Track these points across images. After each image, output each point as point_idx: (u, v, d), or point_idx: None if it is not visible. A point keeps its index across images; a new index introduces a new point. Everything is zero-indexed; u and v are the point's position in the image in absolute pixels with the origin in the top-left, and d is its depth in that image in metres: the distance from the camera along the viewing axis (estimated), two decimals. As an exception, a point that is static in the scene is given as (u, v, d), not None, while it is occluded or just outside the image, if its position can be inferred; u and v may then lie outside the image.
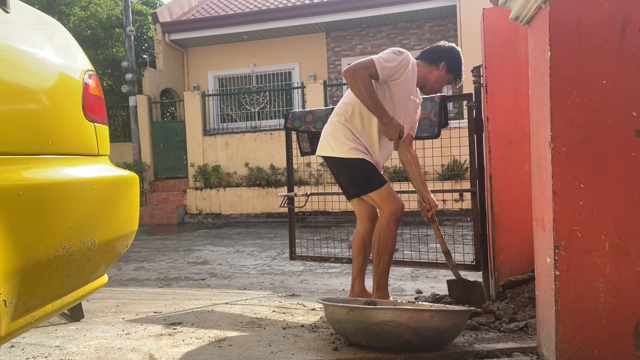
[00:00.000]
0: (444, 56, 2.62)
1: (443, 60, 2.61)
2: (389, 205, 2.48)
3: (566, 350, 1.62)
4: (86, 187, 1.60)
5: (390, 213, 2.47)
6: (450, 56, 2.63)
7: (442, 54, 2.63)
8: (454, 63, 2.63)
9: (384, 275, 2.55)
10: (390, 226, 2.48)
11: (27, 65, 1.49)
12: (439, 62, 2.60)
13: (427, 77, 2.63)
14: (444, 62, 2.61)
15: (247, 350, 2.09)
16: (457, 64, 2.64)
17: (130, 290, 3.87)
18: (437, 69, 2.61)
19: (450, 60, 2.62)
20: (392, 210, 2.47)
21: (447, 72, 2.62)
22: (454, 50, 2.66)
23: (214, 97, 11.54)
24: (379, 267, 2.53)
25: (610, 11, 1.57)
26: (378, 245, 2.51)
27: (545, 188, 1.70)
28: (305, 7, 11.14)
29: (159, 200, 10.56)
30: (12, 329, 1.30)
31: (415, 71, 2.58)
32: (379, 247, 2.51)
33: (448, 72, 2.62)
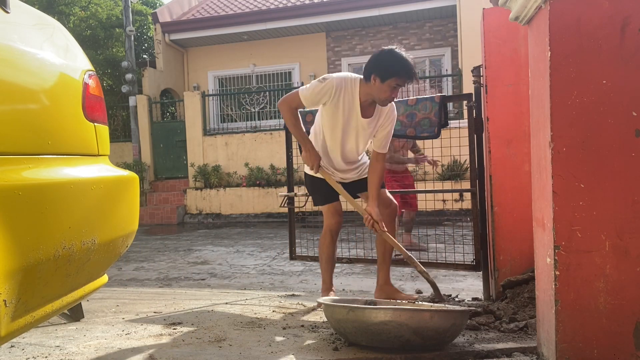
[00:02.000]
0: (370, 69, 2.50)
1: (371, 74, 2.49)
2: (325, 221, 2.94)
3: (566, 350, 1.62)
4: (86, 187, 1.60)
5: (325, 227, 2.94)
6: (376, 65, 2.48)
7: (369, 68, 2.51)
8: (383, 69, 2.46)
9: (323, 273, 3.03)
10: (325, 237, 2.94)
11: (27, 65, 1.49)
12: (370, 77, 2.50)
13: (369, 92, 2.55)
14: (372, 74, 2.48)
15: (247, 350, 2.09)
16: (388, 68, 2.45)
17: (130, 290, 3.87)
18: (372, 84, 2.51)
19: (377, 70, 2.47)
20: (326, 225, 2.94)
21: (382, 81, 2.46)
22: (380, 57, 2.50)
23: (214, 97, 11.54)
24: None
25: (610, 11, 1.57)
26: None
27: (545, 188, 1.70)
28: (305, 7, 11.14)
29: (159, 200, 10.56)
30: (12, 329, 1.30)
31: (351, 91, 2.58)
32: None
33: (384, 81, 2.46)
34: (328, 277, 3.02)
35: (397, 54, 2.47)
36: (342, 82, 2.58)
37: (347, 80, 2.59)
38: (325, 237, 2.95)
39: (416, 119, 3.13)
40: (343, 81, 2.58)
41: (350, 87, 2.58)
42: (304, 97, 2.61)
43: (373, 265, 4.33)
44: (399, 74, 2.46)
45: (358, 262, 3.80)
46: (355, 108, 2.61)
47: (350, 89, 2.58)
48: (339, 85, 2.57)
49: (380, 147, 2.75)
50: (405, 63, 2.46)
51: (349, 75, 2.62)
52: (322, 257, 3.00)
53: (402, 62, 2.46)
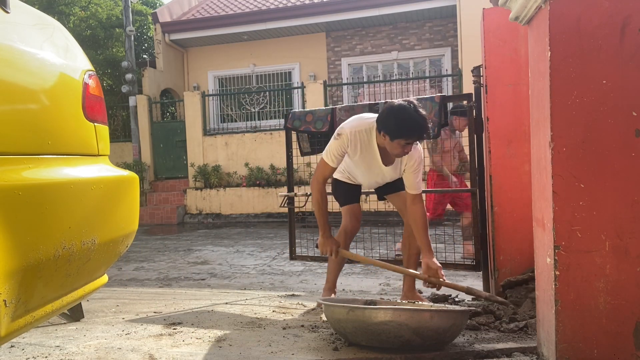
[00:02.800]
0: (381, 125, 2.42)
1: (381, 130, 2.41)
2: (342, 221, 2.92)
3: (566, 350, 1.62)
4: (86, 187, 1.60)
5: (340, 228, 2.92)
6: (385, 124, 2.39)
7: (380, 124, 2.43)
8: (393, 129, 2.35)
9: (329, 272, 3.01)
10: (338, 237, 2.87)
11: (27, 65, 1.49)
12: (380, 132, 2.43)
13: (384, 145, 2.48)
14: (382, 131, 2.41)
15: (247, 350, 2.09)
16: (396, 129, 2.34)
17: (130, 290, 3.87)
18: (383, 139, 2.43)
19: (387, 128, 2.38)
20: (342, 226, 2.91)
21: (391, 140, 2.37)
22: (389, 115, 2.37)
23: (214, 97, 11.53)
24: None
25: (610, 11, 1.57)
26: None
27: (545, 188, 1.70)
28: (305, 7, 11.13)
29: (159, 200, 10.56)
30: (12, 329, 1.30)
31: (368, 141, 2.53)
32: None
33: (393, 140, 2.37)
34: (333, 278, 3.00)
35: (406, 113, 2.32)
36: (357, 133, 2.52)
37: (362, 130, 2.51)
38: (339, 237, 2.88)
39: (416, 119, 3.12)
40: (358, 132, 2.52)
41: (366, 136, 2.52)
42: (330, 161, 2.56)
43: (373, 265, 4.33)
44: (407, 135, 2.35)
45: (358, 262, 3.80)
46: (375, 156, 2.57)
47: (367, 137, 2.53)
48: (353, 137, 2.51)
49: (415, 189, 2.60)
50: (414, 124, 2.32)
51: (363, 123, 2.52)
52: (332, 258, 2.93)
53: (409, 124, 2.32)
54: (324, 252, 2.66)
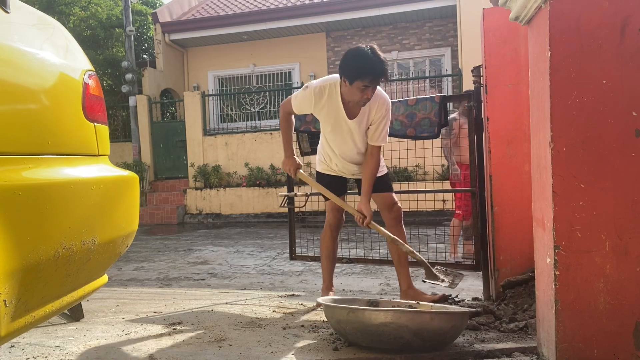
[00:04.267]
0: (340, 71, 2.44)
1: (342, 76, 2.43)
2: (326, 216, 3.00)
3: (566, 350, 1.62)
4: (86, 187, 1.60)
5: (325, 223, 3.00)
6: (343, 68, 2.40)
7: (339, 70, 2.44)
8: (348, 71, 2.36)
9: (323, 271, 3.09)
10: (325, 233, 3.01)
11: (27, 65, 1.49)
12: (341, 79, 2.46)
13: (346, 94, 2.49)
14: (342, 76, 2.42)
15: (247, 350, 2.09)
16: (352, 70, 2.35)
17: (130, 290, 3.87)
18: (344, 85, 2.46)
19: (345, 72, 2.39)
20: (326, 221, 3.00)
21: (350, 83, 2.38)
22: (345, 60, 2.40)
23: (214, 97, 11.54)
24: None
25: (610, 11, 1.57)
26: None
27: (545, 188, 1.70)
28: (305, 7, 11.14)
29: (159, 200, 10.56)
30: (12, 329, 1.30)
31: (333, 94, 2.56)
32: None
33: (352, 83, 2.37)
34: (328, 276, 3.03)
35: (362, 53, 2.34)
36: (322, 88, 2.57)
37: (327, 84, 2.57)
38: (325, 233, 2.99)
39: (416, 119, 3.13)
40: (322, 87, 2.57)
41: (330, 91, 2.57)
42: (293, 104, 2.68)
43: (373, 265, 4.33)
44: (364, 76, 2.34)
45: (358, 262, 3.80)
46: (339, 111, 2.60)
47: (331, 92, 2.57)
48: (318, 92, 2.57)
49: (375, 140, 2.65)
50: (370, 63, 2.32)
51: (329, 79, 2.59)
52: (323, 254, 3.04)
53: (366, 63, 2.33)
54: (285, 170, 2.83)
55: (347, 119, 2.60)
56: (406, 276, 2.84)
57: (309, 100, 2.59)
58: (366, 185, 2.68)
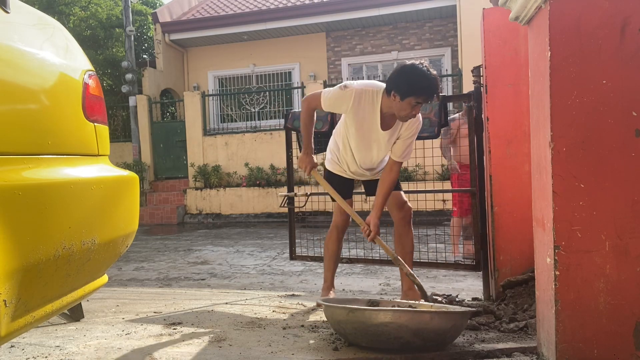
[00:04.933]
0: (391, 85, 2.39)
1: (392, 90, 2.38)
2: (333, 217, 2.99)
3: (566, 350, 1.62)
4: (86, 187, 1.60)
5: (332, 223, 2.99)
6: (396, 82, 2.37)
7: (389, 83, 2.41)
8: (403, 86, 2.34)
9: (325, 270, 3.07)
10: (331, 233, 3.00)
11: (27, 65, 1.49)
12: (390, 93, 2.40)
13: (391, 106, 2.45)
14: (393, 91, 2.38)
15: (247, 350, 2.09)
16: (408, 86, 2.33)
17: (130, 290, 3.87)
18: (393, 100, 2.40)
19: (398, 87, 2.35)
20: (333, 222, 2.99)
21: (402, 99, 2.35)
22: (400, 73, 2.37)
23: (214, 97, 11.54)
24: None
25: (610, 11, 1.57)
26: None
27: (545, 188, 1.70)
28: (305, 7, 11.13)
29: (159, 200, 10.56)
30: (12, 329, 1.30)
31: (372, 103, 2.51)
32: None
33: (403, 99, 2.35)
34: (330, 276, 3.02)
35: (418, 71, 2.33)
36: (364, 93, 2.50)
37: (369, 90, 2.50)
38: (331, 233, 2.97)
39: (416, 119, 3.12)
40: (365, 91, 2.50)
41: (371, 98, 2.50)
42: (324, 100, 2.57)
43: (373, 265, 4.33)
44: (419, 93, 2.33)
45: (358, 262, 3.80)
46: (375, 120, 2.54)
47: (372, 99, 2.51)
48: (359, 95, 2.49)
49: (398, 156, 2.62)
50: (426, 81, 2.32)
51: (372, 85, 2.52)
52: (326, 254, 3.01)
53: (423, 81, 2.32)
54: (301, 166, 2.76)
55: (380, 129, 2.55)
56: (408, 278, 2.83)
57: (347, 101, 2.50)
58: (380, 200, 2.63)
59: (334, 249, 2.99)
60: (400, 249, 2.80)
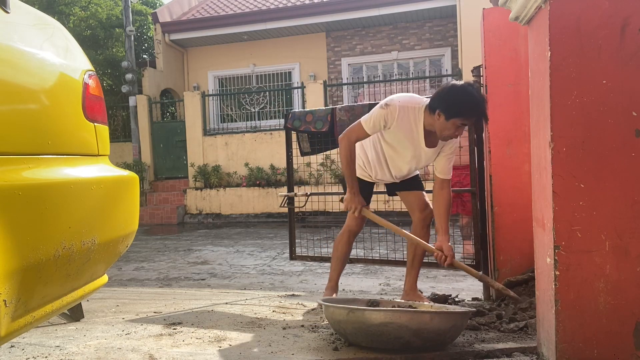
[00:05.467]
0: (437, 104, 2.34)
1: (437, 109, 2.33)
2: (347, 221, 2.91)
3: (566, 350, 1.62)
4: (86, 187, 1.60)
5: (345, 226, 2.92)
6: (443, 102, 2.31)
7: (435, 102, 2.35)
8: (450, 107, 2.28)
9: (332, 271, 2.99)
10: (342, 236, 2.93)
11: (27, 65, 1.49)
12: (434, 111, 2.35)
13: (433, 124, 2.41)
14: (438, 110, 2.32)
15: (247, 350, 2.09)
16: (455, 107, 2.28)
17: (130, 290, 3.87)
18: (437, 119, 2.35)
19: (443, 107, 2.30)
20: (346, 224, 2.91)
21: (447, 119, 2.30)
22: (449, 93, 2.31)
23: (214, 97, 11.54)
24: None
25: (610, 11, 1.57)
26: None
27: (545, 188, 1.70)
28: (305, 7, 11.13)
29: (159, 200, 10.56)
30: (12, 329, 1.30)
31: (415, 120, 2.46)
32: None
33: (448, 119, 2.30)
34: (335, 277, 2.98)
35: (467, 92, 2.28)
36: (406, 110, 2.44)
37: (411, 108, 2.45)
38: (343, 236, 2.92)
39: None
40: (407, 109, 2.44)
41: (414, 115, 2.45)
42: (367, 127, 2.50)
43: (373, 265, 4.33)
44: (466, 115, 2.28)
45: (358, 262, 3.80)
46: (419, 138, 2.49)
47: (414, 117, 2.45)
48: (402, 112, 2.44)
49: (444, 173, 2.58)
50: (474, 103, 2.27)
51: (413, 102, 2.46)
52: (335, 255, 2.98)
53: (471, 102, 2.26)
54: (348, 207, 2.65)
55: (424, 146, 2.50)
56: (414, 278, 2.82)
57: (390, 118, 2.44)
58: (444, 223, 2.55)
59: (344, 251, 2.94)
60: (414, 249, 2.79)
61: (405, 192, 2.81)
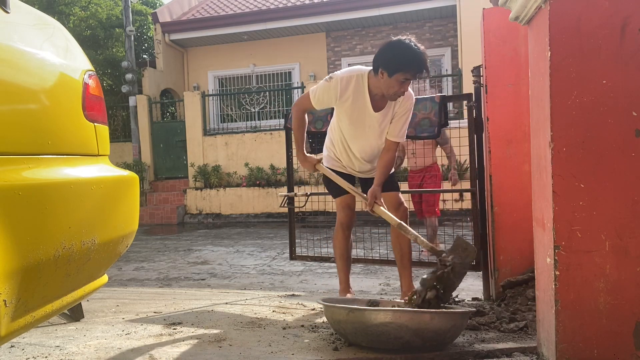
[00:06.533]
0: (378, 62, 2.37)
1: (379, 67, 2.36)
2: (337, 215, 2.86)
3: (566, 350, 1.62)
4: (86, 187, 1.60)
5: (336, 222, 2.87)
6: (383, 58, 2.35)
7: (376, 61, 2.38)
8: (391, 62, 2.31)
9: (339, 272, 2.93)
10: (337, 233, 2.86)
11: (27, 65, 1.49)
12: (377, 71, 2.38)
13: (379, 86, 2.44)
14: (380, 68, 2.35)
15: (247, 350, 2.09)
16: (395, 62, 2.30)
17: (130, 290, 3.87)
18: (380, 77, 2.38)
19: (384, 63, 2.33)
20: (337, 220, 2.86)
21: (390, 75, 2.33)
22: (387, 50, 2.35)
23: (214, 97, 11.54)
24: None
25: (610, 11, 1.57)
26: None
27: (545, 188, 1.70)
28: (305, 7, 11.14)
29: (159, 200, 10.56)
30: (12, 329, 1.30)
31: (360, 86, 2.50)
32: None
33: (391, 75, 2.33)
34: (344, 276, 2.90)
35: (405, 45, 2.31)
36: (349, 78, 2.50)
37: (354, 75, 2.50)
38: (337, 232, 2.87)
39: (416, 119, 3.12)
40: (349, 77, 2.50)
41: (358, 81, 2.50)
42: (313, 98, 2.57)
43: (373, 265, 4.33)
44: (407, 68, 2.31)
45: (358, 262, 3.80)
46: (365, 103, 2.53)
47: (358, 83, 2.50)
48: (345, 82, 2.49)
49: (394, 136, 2.60)
50: (414, 55, 2.29)
51: (356, 70, 2.53)
52: (336, 254, 2.91)
53: (410, 55, 2.29)
54: (305, 166, 2.77)
55: (372, 111, 2.53)
56: (408, 278, 2.81)
57: (334, 91, 2.50)
58: (380, 175, 2.60)
59: (343, 248, 2.89)
60: (398, 250, 2.78)
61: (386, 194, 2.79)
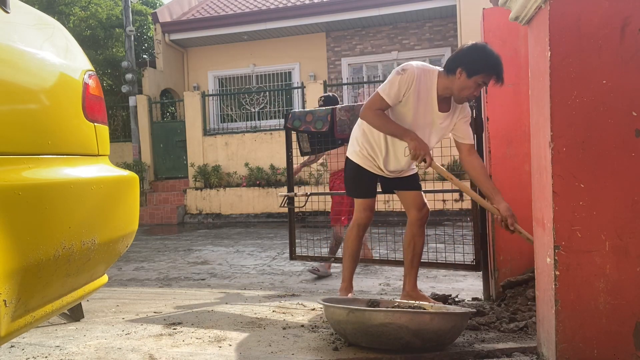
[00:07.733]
0: (459, 62, 2.39)
1: (458, 67, 2.38)
2: (355, 214, 2.82)
3: (566, 350, 1.62)
4: (86, 187, 1.60)
5: (353, 220, 2.83)
6: (467, 60, 2.37)
7: (457, 60, 2.40)
8: (474, 64, 2.35)
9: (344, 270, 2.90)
10: (351, 230, 2.83)
11: (27, 65, 1.49)
12: (455, 70, 2.39)
13: (449, 86, 2.45)
14: (459, 68, 2.38)
15: (247, 350, 2.09)
16: (477, 65, 2.35)
17: (130, 290, 3.87)
18: (457, 78, 2.40)
19: (466, 64, 2.36)
20: (355, 218, 2.82)
21: (469, 76, 2.36)
22: (471, 51, 2.39)
23: (214, 97, 11.54)
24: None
25: (610, 11, 1.57)
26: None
27: (545, 188, 1.70)
28: (305, 7, 11.14)
29: (159, 200, 10.56)
30: (12, 329, 1.30)
31: (429, 83, 2.49)
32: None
33: (470, 77, 2.36)
34: (349, 275, 2.88)
35: (490, 50, 2.37)
36: (422, 73, 2.47)
37: (426, 71, 2.49)
38: (352, 230, 2.83)
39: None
40: (422, 71, 2.47)
41: (428, 78, 2.49)
42: (387, 95, 2.47)
43: (373, 265, 4.33)
44: (489, 71, 2.35)
45: (358, 262, 3.79)
46: (432, 101, 2.51)
47: (429, 80, 2.49)
48: (419, 76, 2.47)
49: (469, 138, 2.62)
50: (496, 61, 2.34)
51: (427, 66, 2.52)
52: (346, 252, 2.87)
53: (494, 60, 2.34)
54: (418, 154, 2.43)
55: (436, 110, 2.52)
56: (413, 277, 2.79)
57: (409, 81, 2.44)
58: (488, 185, 2.50)
59: (355, 247, 2.85)
60: (412, 249, 2.75)
61: (403, 191, 2.80)
